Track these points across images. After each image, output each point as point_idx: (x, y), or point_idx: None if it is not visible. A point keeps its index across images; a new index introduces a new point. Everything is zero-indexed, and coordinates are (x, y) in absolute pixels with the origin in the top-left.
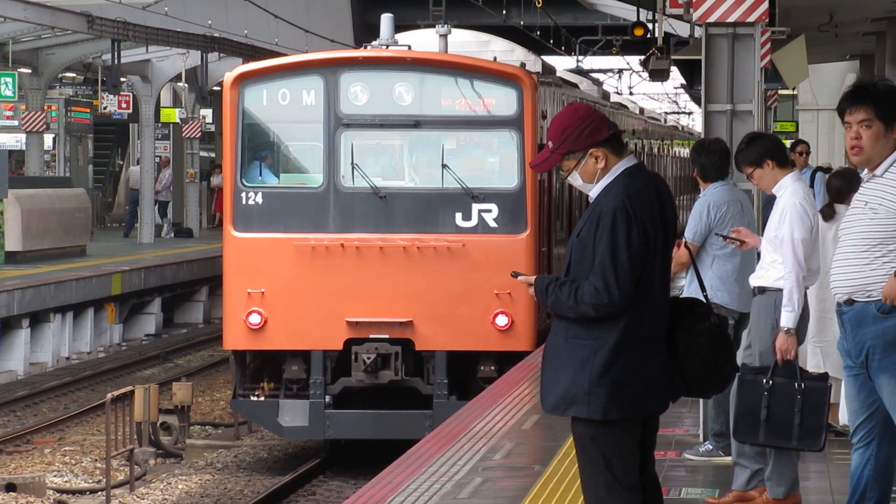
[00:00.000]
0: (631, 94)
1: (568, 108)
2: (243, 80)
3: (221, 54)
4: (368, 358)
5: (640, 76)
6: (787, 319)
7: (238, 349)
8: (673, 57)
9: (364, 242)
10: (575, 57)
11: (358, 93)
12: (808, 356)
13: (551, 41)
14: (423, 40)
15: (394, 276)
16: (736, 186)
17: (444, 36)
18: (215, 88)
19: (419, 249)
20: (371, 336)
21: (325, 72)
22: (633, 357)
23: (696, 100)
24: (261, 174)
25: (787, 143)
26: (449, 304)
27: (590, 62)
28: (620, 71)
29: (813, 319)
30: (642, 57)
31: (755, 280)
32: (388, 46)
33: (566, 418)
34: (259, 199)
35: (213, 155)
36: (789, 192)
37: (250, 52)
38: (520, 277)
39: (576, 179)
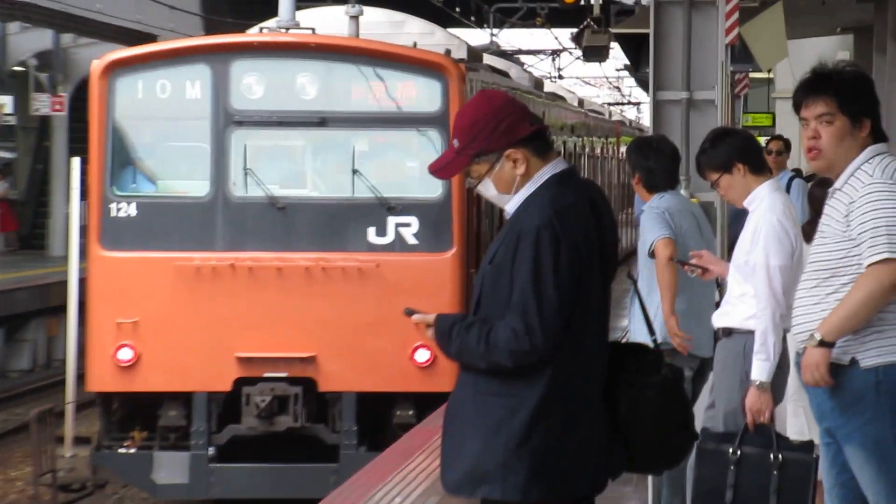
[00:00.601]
0: (560, 77)
1: (479, 97)
2: (114, 68)
3: (25, 24)
4: (262, 401)
5: (570, 54)
6: (761, 370)
7: (104, 391)
8: (613, 30)
9: (258, 262)
10: (488, 30)
11: (252, 84)
12: (789, 418)
13: (457, 9)
14: (328, 21)
15: (294, 303)
16: (693, 199)
17: (355, 17)
18: (17, 69)
19: (324, 271)
20: (266, 375)
21: (213, 59)
22: (562, 420)
23: (644, 85)
24: (134, 181)
25: (763, 140)
26: (359, 336)
27: (507, 38)
28: (555, 53)
29: (794, 371)
30: (574, 30)
31: (719, 319)
32: (287, 29)
33: (475, 500)
34: (132, 210)
35: (14, 155)
36: (765, 205)
37: (65, 20)
38: (414, 317)
39: (488, 189)
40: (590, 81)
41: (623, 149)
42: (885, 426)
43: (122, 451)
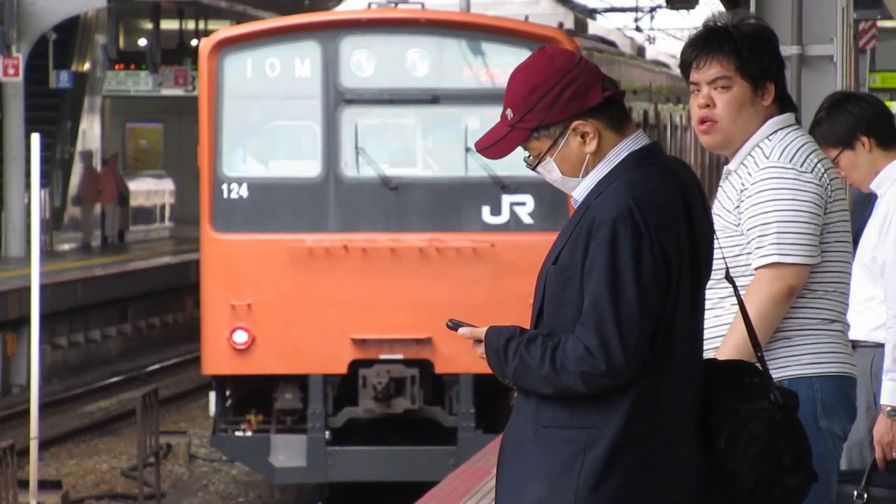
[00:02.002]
0: (638, 30)
1: (538, 55)
2: (222, 47)
3: None
4: (379, 383)
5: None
6: (893, 393)
7: (220, 374)
8: None
9: (371, 243)
10: None
11: (362, 61)
12: None
13: None
14: None
15: (408, 284)
16: None
17: None
18: None
19: (438, 251)
20: (381, 357)
21: (323, 36)
22: (646, 457)
23: None
24: (245, 161)
25: (894, 107)
26: (476, 317)
27: None
28: (653, 10)
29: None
30: None
31: None
32: (396, 4)
33: None
34: (244, 191)
35: None
36: None
37: None
38: (461, 330)
39: (550, 171)
40: (672, 33)
41: None
42: None
43: (238, 434)
